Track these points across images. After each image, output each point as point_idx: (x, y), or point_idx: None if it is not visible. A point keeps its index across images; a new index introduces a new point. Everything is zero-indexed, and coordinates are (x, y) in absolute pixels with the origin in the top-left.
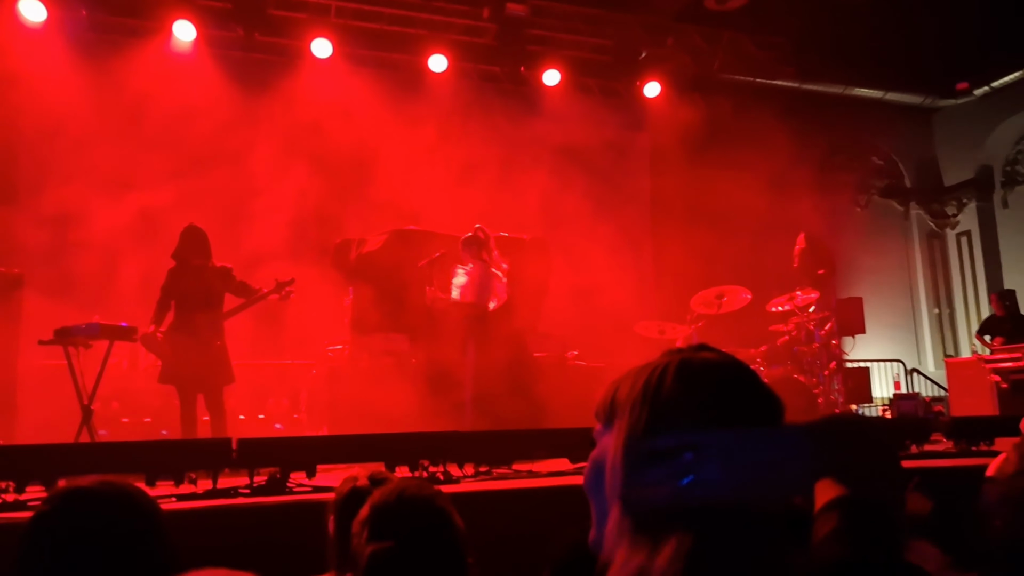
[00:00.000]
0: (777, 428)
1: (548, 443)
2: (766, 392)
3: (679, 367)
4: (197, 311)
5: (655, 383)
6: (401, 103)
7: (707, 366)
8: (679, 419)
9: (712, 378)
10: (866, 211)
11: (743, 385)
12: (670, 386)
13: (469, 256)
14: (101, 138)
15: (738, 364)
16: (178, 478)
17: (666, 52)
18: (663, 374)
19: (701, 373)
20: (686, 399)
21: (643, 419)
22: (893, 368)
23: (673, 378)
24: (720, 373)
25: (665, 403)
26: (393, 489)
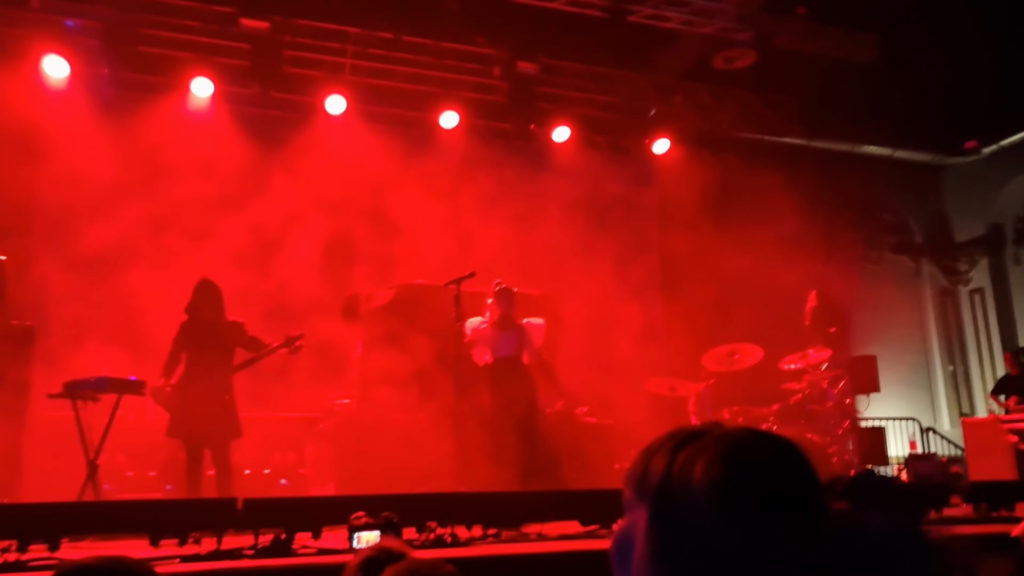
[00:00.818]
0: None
1: (558, 505)
2: (816, 491)
3: (721, 456)
4: (208, 365)
5: (691, 472)
6: (412, 158)
7: (753, 456)
8: (712, 522)
9: (760, 474)
10: (877, 268)
11: (794, 480)
12: (706, 478)
13: (501, 308)
14: (119, 192)
15: (791, 453)
16: (182, 537)
17: (674, 110)
18: (700, 461)
19: (747, 465)
20: (726, 499)
21: (673, 514)
22: (908, 427)
23: (711, 467)
24: (768, 467)
25: (700, 497)
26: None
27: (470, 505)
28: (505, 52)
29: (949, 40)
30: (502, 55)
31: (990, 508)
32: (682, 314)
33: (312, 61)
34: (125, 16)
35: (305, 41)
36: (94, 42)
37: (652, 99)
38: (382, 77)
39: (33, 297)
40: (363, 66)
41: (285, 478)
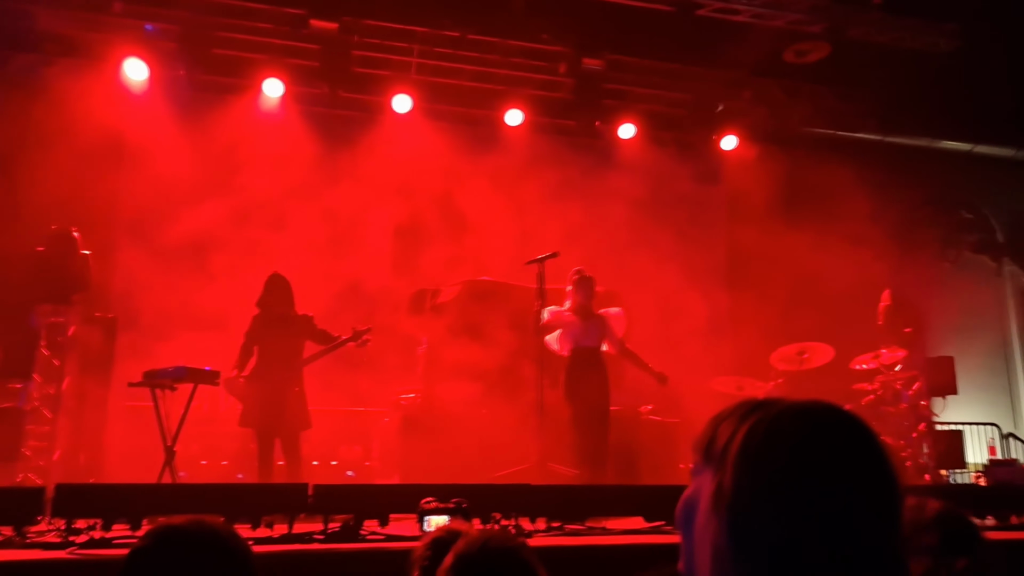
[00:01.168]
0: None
1: (624, 500)
2: (880, 459)
3: (783, 424)
4: (279, 358)
5: (755, 440)
6: (478, 156)
7: (818, 426)
8: (779, 491)
9: (824, 443)
10: (956, 267)
11: (857, 451)
12: (771, 446)
13: (581, 297)
14: (196, 188)
15: (853, 425)
16: (255, 521)
17: (743, 105)
18: (766, 429)
19: (810, 434)
20: (787, 467)
21: (739, 484)
22: (987, 432)
23: (776, 437)
24: (834, 437)
25: (765, 467)
26: (477, 539)
27: (535, 497)
28: (570, 49)
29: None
30: (567, 52)
31: None
32: (750, 312)
33: (379, 61)
34: (201, 19)
35: (373, 41)
36: (171, 45)
37: (720, 95)
38: (448, 76)
39: (117, 290)
40: (429, 65)
41: (352, 470)
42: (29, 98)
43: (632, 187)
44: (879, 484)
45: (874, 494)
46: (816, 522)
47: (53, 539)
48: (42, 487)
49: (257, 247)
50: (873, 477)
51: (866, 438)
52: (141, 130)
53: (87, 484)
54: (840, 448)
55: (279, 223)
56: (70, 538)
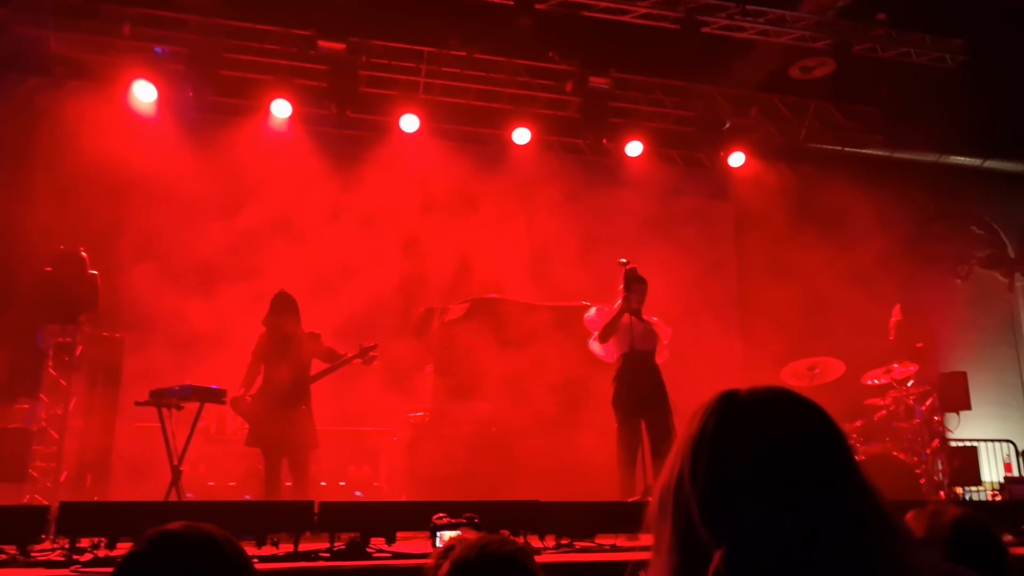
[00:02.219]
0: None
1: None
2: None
3: (723, 411)
4: (286, 376)
5: (696, 429)
6: (485, 175)
7: (756, 410)
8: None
9: (761, 428)
10: (967, 283)
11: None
12: (711, 433)
13: (638, 296)
14: (205, 209)
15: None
16: (260, 539)
17: (750, 122)
18: (706, 417)
19: (748, 420)
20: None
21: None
22: (1003, 448)
23: (715, 424)
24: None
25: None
26: (474, 544)
27: (543, 514)
28: (577, 67)
29: None
30: (574, 70)
31: None
32: (761, 328)
33: (387, 81)
34: (209, 41)
35: (380, 61)
36: (180, 67)
37: (727, 112)
38: (455, 95)
39: (124, 310)
40: (436, 84)
41: (360, 490)
42: (39, 120)
43: (640, 204)
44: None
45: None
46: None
47: (56, 557)
48: (46, 506)
49: (265, 267)
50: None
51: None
52: (150, 151)
53: (91, 502)
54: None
55: (287, 243)
56: (73, 556)
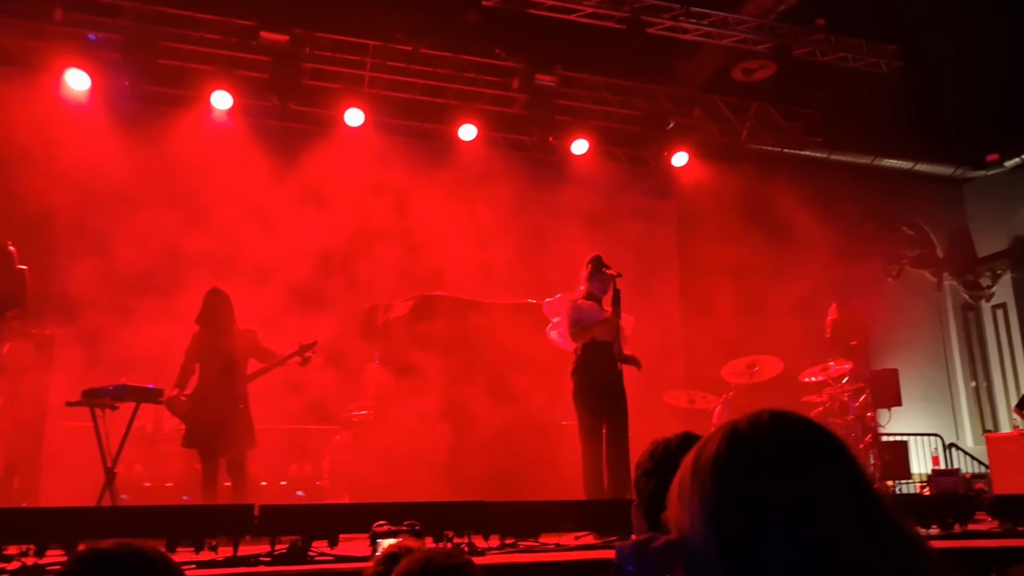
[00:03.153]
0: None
1: (576, 515)
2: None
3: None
4: (221, 375)
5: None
6: (431, 171)
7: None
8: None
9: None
10: (898, 281)
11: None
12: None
13: (599, 284)
14: (139, 203)
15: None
16: (198, 544)
17: (694, 122)
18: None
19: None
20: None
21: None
22: (931, 442)
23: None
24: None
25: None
26: (420, 558)
27: (487, 514)
28: (523, 64)
29: (971, 52)
30: (520, 67)
31: (1015, 523)
32: (701, 326)
33: (331, 74)
34: (146, 29)
35: (324, 54)
36: (115, 55)
37: (671, 111)
38: (400, 89)
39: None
40: (382, 79)
41: (302, 490)
42: None
43: (585, 201)
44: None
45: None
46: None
47: None
48: None
49: (203, 261)
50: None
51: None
52: (83, 141)
53: (18, 508)
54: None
55: (226, 237)
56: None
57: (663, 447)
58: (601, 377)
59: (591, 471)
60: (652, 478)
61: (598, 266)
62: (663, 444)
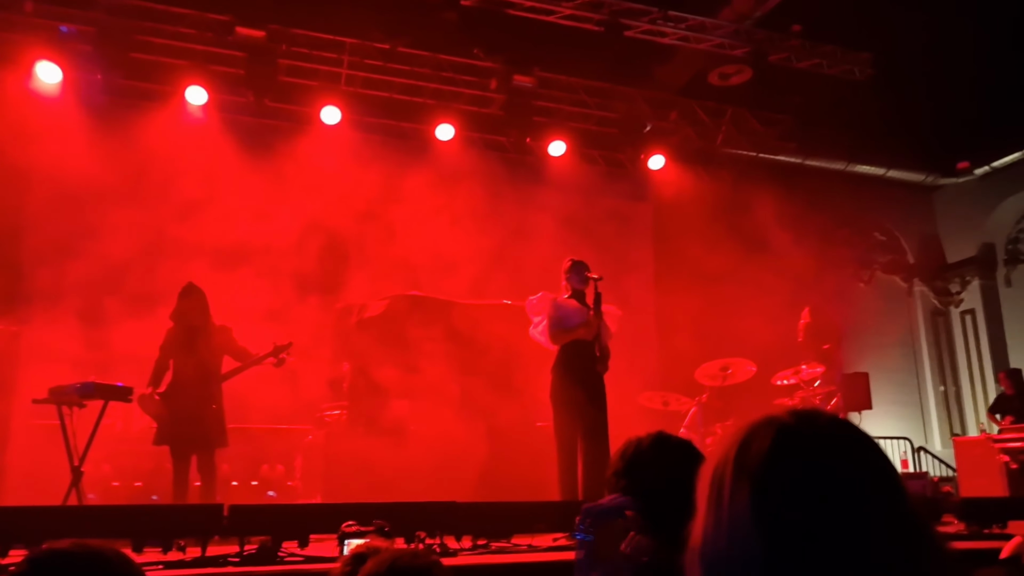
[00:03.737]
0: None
1: (548, 516)
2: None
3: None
4: (196, 373)
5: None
6: (407, 170)
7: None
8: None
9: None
10: (870, 287)
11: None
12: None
13: (578, 281)
14: (109, 198)
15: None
16: (166, 544)
17: (670, 126)
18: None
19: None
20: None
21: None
22: (900, 446)
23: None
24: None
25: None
26: (386, 559)
27: (460, 515)
28: (501, 65)
29: (943, 61)
30: (498, 68)
31: (982, 525)
32: (676, 329)
33: (307, 71)
34: (120, 22)
35: (301, 51)
36: (87, 48)
37: (648, 115)
38: (378, 88)
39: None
40: (359, 77)
41: (273, 490)
42: None
43: (562, 203)
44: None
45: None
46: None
47: None
48: None
49: (175, 259)
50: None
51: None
52: (53, 136)
53: None
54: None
55: (199, 234)
56: None
57: (634, 447)
58: (580, 376)
59: (566, 471)
60: (623, 479)
61: (577, 267)
62: (635, 444)
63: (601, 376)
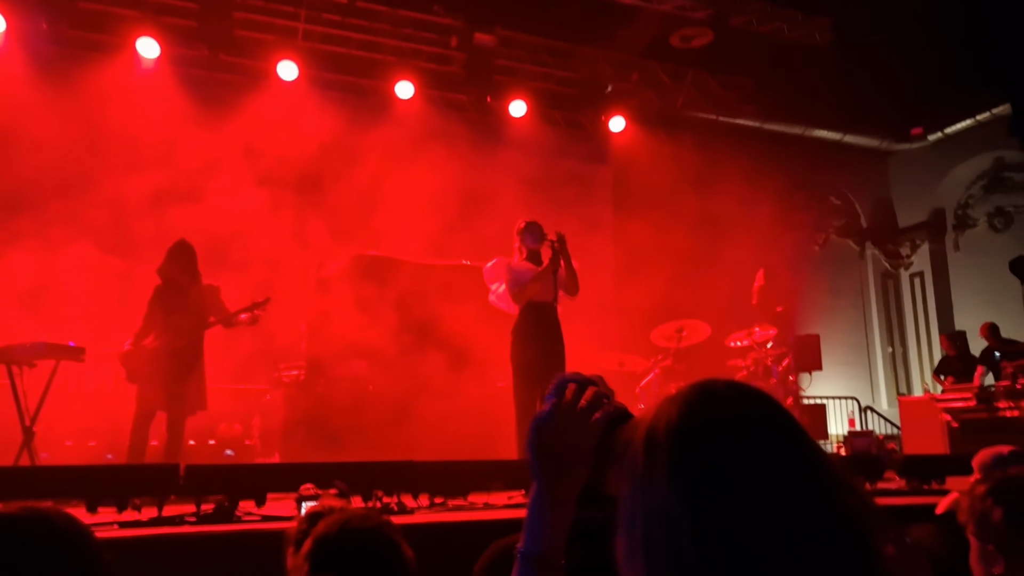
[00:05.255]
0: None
1: (505, 474)
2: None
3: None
4: (182, 331)
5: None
6: (366, 128)
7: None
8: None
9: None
10: (823, 250)
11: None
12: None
13: (533, 242)
14: (56, 152)
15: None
16: (121, 504)
17: (631, 87)
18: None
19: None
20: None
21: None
22: (848, 405)
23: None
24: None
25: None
26: (336, 520)
27: (416, 473)
28: (462, 22)
29: (899, 28)
30: (459, 25)
31: (922, 481)
32: (634, 290)
33: (263, 24)
34: None
35: (256, 3)
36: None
37: (609, 76)
38: (336, 44)
39: None
40: (316, 31)
41: (231, 449)
42: None
43: (522, 164)
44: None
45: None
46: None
47: None
48: None
49: (125, 218)
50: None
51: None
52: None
53: None
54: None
55: (151, 192)
56: None
57: None
58: (540, 338)
59: (524, 431)
60: None
61: (531, 227)
62: None
63: (560, 338)
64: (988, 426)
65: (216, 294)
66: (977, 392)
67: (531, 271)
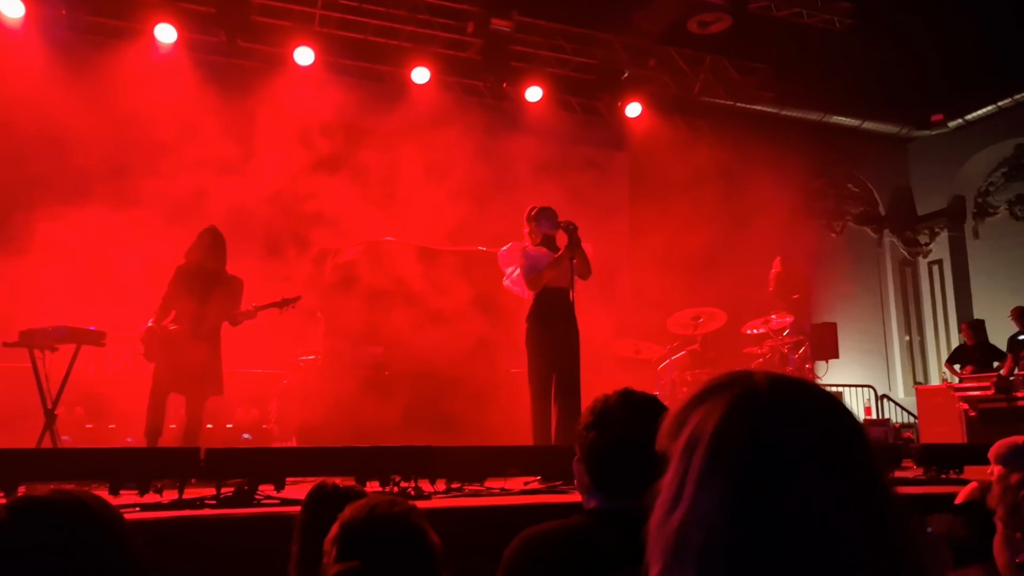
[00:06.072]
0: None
1: (522, 460)
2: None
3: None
4: (202, 315)
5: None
6: (382, 114)
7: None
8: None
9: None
10: (841, 237)
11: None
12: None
13: (548, 227)
14: (75, 138)
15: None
16: (143, 487)
17: (648, 73)
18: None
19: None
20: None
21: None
22: (864, 393)
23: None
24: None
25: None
26: (364, 505)
27: (434, 459)
28: (479, 8)
29: (921, 14)
30: (476, 11)
31: (940, 471)
32: (649, 277)
33: (281, 10)
34: None
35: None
36: None
37: (626, 61)
38: (352, 29)
39: None
40: (333, 17)
41: (249, 433)
42: None
43: (538, 150)
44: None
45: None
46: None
47: None
48: None
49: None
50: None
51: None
52: (15, 72)
53: None
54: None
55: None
56: None
57: (603, 402)
58: (555, 324)
59: (539, 418)
60: (592, 431)
61: (545, 212)
62: (603, 400)
63: (575, 324)
64: (1007, 415)
65: (239, 287)
66: (996, 381)
67: (547, 256)
